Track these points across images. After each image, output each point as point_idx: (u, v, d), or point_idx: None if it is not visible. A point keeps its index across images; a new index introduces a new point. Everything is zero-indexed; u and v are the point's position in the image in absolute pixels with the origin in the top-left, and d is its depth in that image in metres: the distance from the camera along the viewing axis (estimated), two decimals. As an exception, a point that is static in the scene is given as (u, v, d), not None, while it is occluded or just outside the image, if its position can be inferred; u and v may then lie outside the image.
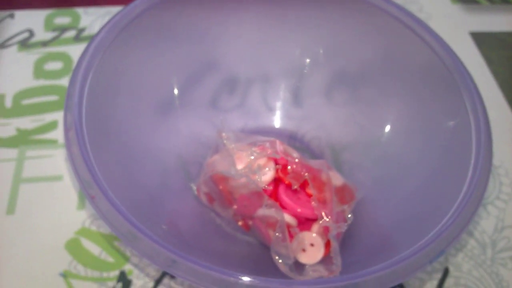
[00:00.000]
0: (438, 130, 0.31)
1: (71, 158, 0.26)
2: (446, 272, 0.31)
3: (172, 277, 0.30)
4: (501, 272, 0.31)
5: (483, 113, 0.28)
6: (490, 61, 0.43)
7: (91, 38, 0.30)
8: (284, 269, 0.27)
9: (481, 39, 0.44)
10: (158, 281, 0.30)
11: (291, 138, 0.36)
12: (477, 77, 0.32)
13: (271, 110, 0.37)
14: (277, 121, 0.37)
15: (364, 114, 0.35)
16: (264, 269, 0.28)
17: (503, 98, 0.41)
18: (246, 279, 0.23)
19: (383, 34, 0.34)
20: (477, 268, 0.31)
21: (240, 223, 0.30)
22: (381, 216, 0.30)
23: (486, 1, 0.48)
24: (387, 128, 0.34)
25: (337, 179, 0.30)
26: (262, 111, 0.37)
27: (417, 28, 0.32)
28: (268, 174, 0.28)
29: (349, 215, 0.28)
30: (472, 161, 0.26)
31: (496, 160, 0.36)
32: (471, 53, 0.43)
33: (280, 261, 0.27)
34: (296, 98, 0.37)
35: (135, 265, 0.30)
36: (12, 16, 0.43)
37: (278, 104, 0.37)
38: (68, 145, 0.26)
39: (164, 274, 0.30)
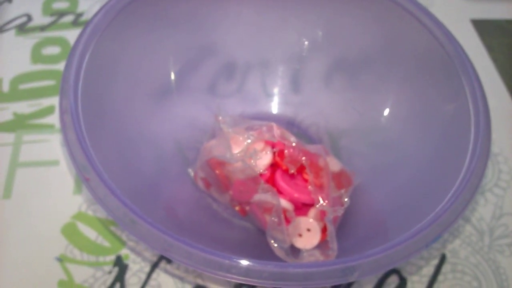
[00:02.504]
0: (437, 116, 0.30)
1: (66, 142, 0.25)
2: (443, 258, 0.31)
3: (169, 261, 0.30)
4: (498, 259, 0.31)
5: (483, 99, 0.28)
6: (490, 49, 0.42)
7: (87, 22, 0.30)
8: (280, 253, 0.27)
9: (482, 27, 0.44)
10: (154, 266, 0.30)
11: (289, 124, 0.36)
12: (477, 64, 0.31)
13: (269, 96, 0.36)
14: (275, 107, 0.36)
15: (362, 100, 0.35)
16: (261, 254, 0.28)
17: (503, 85, 0.40)
18: (241, 262, 0.23)
19: (383, 19, 0.33)
20: (474, 254, 0.31)
21: (237, 208, 0.30)
22: (378, 202, 0.30)
23: (488, -12, 0.47)
24: (386, 114, 0.33)
25: (334, 165, 0.30)
26: (261, 97, 0.36)
27: (417, 14, 0.32)
28: (265, 158, 0.28)
29: (346, 199, 0.28)
30: (470, 147, 0.26)
31: (495, 148, 0.36)
32: (471, 41, 0.43)
33: (276, 245, 0.27)
34: (294, 84, 0.36)
35: (132, 250, 0.30)
36: (10, 0, 0.42)
37: (277, 90, 0.37)
38: (63, 128, 0.26)
39: (160, 259, 0.30)
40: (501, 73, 0.41)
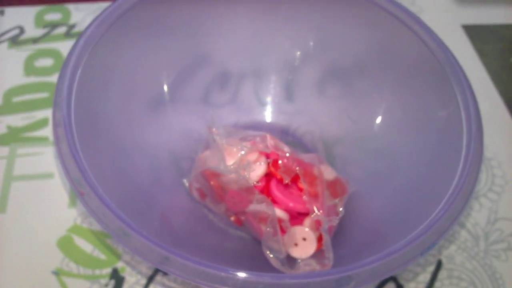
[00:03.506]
0: (429, 123, 0.31)
1: (60, 155, 0.25)
2: (439, 265, 0.31)
3: (165, 273, 0.30)
4: (494, 264, 0.31)
5: (474, 105, 0.28)
6: (482, 54, 0.43)
7: (81, 33, 0.30)
8: (275, 263, 0.27)
9: (474, 32, 0.44)
10: (150, 278, 0.30)
11: (283, 133, 0.36)
12: (469, 70, 0.32)
13: (263, 105, 0.37)
14: (269, 116, 0.36)
15: (356, 108, 0.35)
16: (258, 264, 0.28)
17: (495, 90, 0.41)
18: (237, 274, 0.23)
19: (375, 27, 0.34)
20: (470, 260, 0.31)
21: (232, 218, 0.30)
22: (373, 209, 0.30)
23: (479, -6, 0.48)
24: (379, 121, 0.33)
25: (329, 173, 0.30)
26: (255, 106, 0.36)
27: (408, 22, 0.32)
28: (259, 169, 0.28)
29: (341, 209, 0.28)
30: (463, 153, 0.26)
31: (488, 152, 0.36)
32: (463, 46, 0.43)
33: (272, 255, 0.27)
34: (288, 93, 0.37)
35: (128, 263, 0.30)
36: (2, 13, 0.42)
37: (270, 99, 0.37)
38: (57, 141, 0.26)
39: (156, 271, 0.30)
40: (493, 77, 0.41)
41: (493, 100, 0.40)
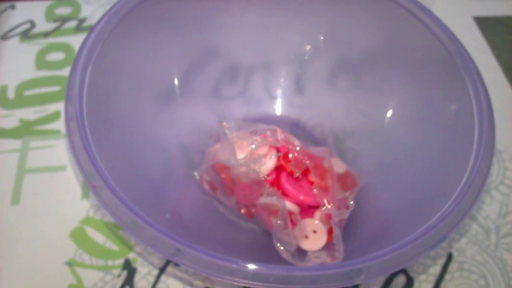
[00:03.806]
0: (440, 116, 0.30)
1: (73, 149, 0.26)
2: (449, 257, 0.31)
3: (176, 265, 0.30)
4: (505, 257, 0.31)
5: (486, 98, 0.28)
6: (493, 46, 0.42)
7: (91, 28, 0.30)
8: (286, 256, 0.27)
9: (485, 24, 0.44)
10: (162, 269, 0.30)
11: (293, 126, 0.36)
12: (480, 62, 0.31)
13: (273, 98, 0.37)
14: (279, 109, 0.36)
15: (366, 101, 0.35)
16: (268, 256, 0.28)
17: (507, 83, 0.40)
18: (248, 266, 0.23)
19: (384, 20, 0.33)
20: (481, 253, 0.31)
21: (243, 211, 0.30)
22: (384, 202, 0.30)
23: (490, -15, 0.47)
24: (390, 114, 0.33)
25: (339, 166, 0.30)
26: (264, 99, 0.36)
27: (419, 14, 0.32)
28: (270, 162, 0.28)
29: (351, 202, 0.28)
30: (475, 146, 0.26)
31: (500, 145, 0.36)
32: (474, 38, 0.43)
33: (282, 248, 0.27)
34: (298, 86, 0.37)
35: (139, 254, 0.31)
36: (13, 7, 0.43)
37: (280, 92, 0.37)
38: (69, 135, 0.26)
39: (168, 262, 0.30)
40: (504, 70, 0.41)
41: (504, 92, 0.40)
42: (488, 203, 0.34)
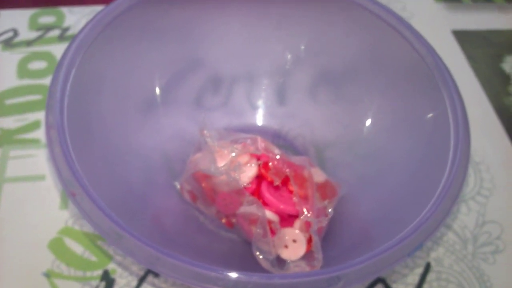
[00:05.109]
0: (418, 127, 0.31)
1: (52, 157, 0.26)
2: (427, 267, 0.31)
3: (156, 275, 0.30)
4: (482, 266, 0.32)
5: (462, 109, 0.29)
6: (472, 59, 0.43)
7: (74, 36, 0.30)
8: (265, 265, 0.27)
9: (463, 37, 0.45)
10: (141, 280, 0.30)
11: (275, 136, 0.36)
12: (458, 74, 0.32)
13: (255, 108, 0.37)
14: (261, 119, 0.37)
15: (347, 112, 0.35)
16: (248, 266, 0.28)
17: (484, 95, 0.41)
18: (228, 274, 0.23)
19: (365, 32, 0.34)
20: (458, 262, 0.32)
21: (223, 220, 0.30)
22: (362, 212, 0.30)
23: (469, 0, 0.48)
24: (370, 125, 0.34)
25: (319, 176, 0.30)
26: (247, 109, 0.37)
27: (399, 27, 0.32)
28: (250, 171, 0.28)
29: (330, 210, 0.29)
30: (450, 156, 0.27)
31: (477, 156, 0.37)
32: (453, 51, 0.44)
33: (261, 257, 0.27)
34: (280, 97, 0.37)
35: (119, 264, 0.30)
36: (-5, 15, 0.42)
37: (262, 102, 0.37)
38: (49, 144, 0.26)
39: (147, 273, 0.30)
40: (482, 83, 0.42)
41: (482, 105, 0.40)
42: (465, 213, 0.34)
